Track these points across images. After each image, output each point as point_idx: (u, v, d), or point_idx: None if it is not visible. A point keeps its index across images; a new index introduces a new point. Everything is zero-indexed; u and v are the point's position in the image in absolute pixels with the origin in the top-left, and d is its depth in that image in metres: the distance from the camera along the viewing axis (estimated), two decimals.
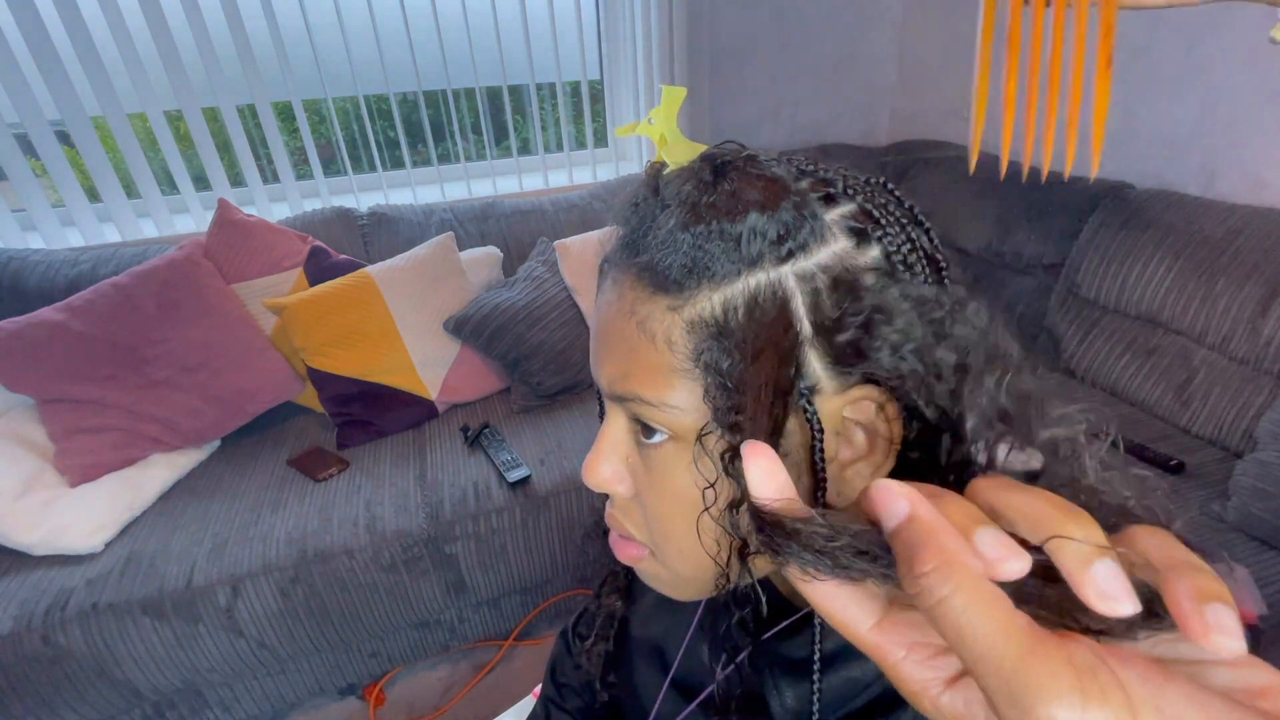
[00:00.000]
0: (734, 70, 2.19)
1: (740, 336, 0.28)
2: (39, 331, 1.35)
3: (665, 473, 0.32)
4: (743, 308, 0.28)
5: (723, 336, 0.28)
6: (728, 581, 0.33)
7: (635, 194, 0.32)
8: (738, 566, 0.31)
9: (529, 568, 1.41)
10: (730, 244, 0.28)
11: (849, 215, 0.30)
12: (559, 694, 0.65)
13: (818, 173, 0.32)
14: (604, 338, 0.33)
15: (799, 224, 0.28)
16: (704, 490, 0.30)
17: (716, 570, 0.33)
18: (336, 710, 1.42)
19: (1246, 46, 1.39)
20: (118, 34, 1.60)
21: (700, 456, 0.30)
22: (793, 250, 0.28)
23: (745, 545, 0.30)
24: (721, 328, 0.28)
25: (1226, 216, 1.38)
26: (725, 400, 0.28)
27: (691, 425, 0.30)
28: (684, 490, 0.32)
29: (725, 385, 0.28)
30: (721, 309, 0.29)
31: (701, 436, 0.30)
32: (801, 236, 0.28)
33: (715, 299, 0.29)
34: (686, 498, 0.32)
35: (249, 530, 1.27)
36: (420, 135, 2.08)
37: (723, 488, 0.30)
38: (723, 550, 0.32)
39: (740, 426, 0.28)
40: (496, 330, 1.59)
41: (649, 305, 0.30)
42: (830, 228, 0.29)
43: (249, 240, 1.59)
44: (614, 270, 0.33)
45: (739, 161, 0.30)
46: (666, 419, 0.31)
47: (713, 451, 0.30)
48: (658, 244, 0.30)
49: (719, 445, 0.29)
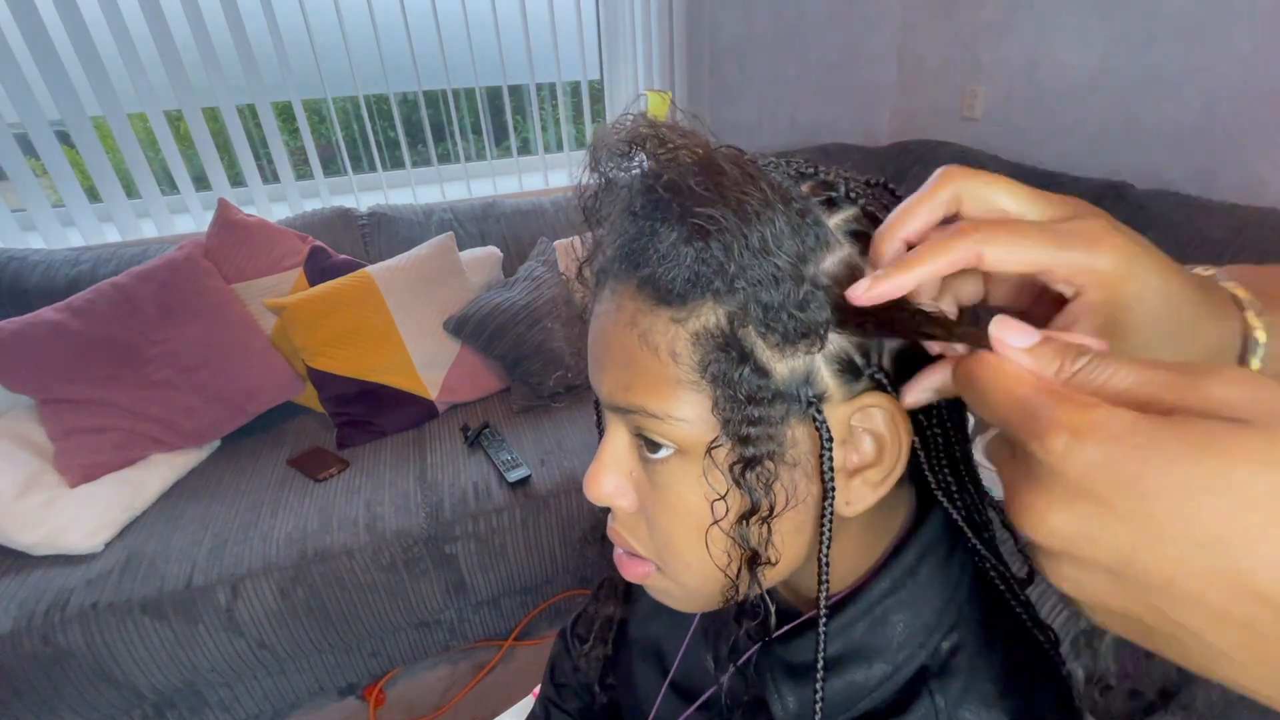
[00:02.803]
0: (734, 70, 2.19)
1: (746, 346, 0.28)
2: (39, 331, 1.35)
3: (671, 488, 0.32)
4: (748, 318, 0.28)
5: (729, 348, 0.28)
6: (736, 593, 0.33)
7: (633, 200, 0.31)
8: (747, 578, 0.31)
9: (529, 568, 1.41)
10: (733, 254, 0.27)
11: (852, 219, 0.30)
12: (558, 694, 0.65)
13: (818, 175, 0.31)
14: (604, 349, 0.32)
15: (802, 232, 0.28)
16: (714, 503, 0.30)
17: (725, 583, 0.32)
18: (336, 710, 1.42)
19: (1247, 46, 1.39)
20: (118, 34, 1.60)
21: (710, 469, 0.30)
22: (797, 259, 0.28)
23: (755, 556, 0.30)
24: (728, 339, 0.28)
25: (1226, 216, 1.37)
26: (735, 412, 0.28)
27: (698, 438, 0.30)
28: (692, 505, 0.31)
29: (735, 397, 0.28)
30: (727, 320, 0.28)
31: (711, 449, 0.30)
32: (805, 245, 0.28)
33: (720, 311, 0.28)
34: (694, 512, 0.31)
35: (249, 530, 1.27)
36: (420, 135, 2.08)
37: (734, 500, 0.30)
38: (733, 563, 0.31)
39: (751, 439, 0.28)
40: (496, 330, 1.59)
41: (650, 317, 0.30)
42: (834, 233, 0.29)
43: (249, 240, 1.59)
44: (612, 281, 0.32)
45: (738, 169, 0.29)
46: (672, 432, 0.30)
47: (723, 464, 0.30)
48: (659, 257, 0.29)
49: (729, 457, 0.29)
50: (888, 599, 0.34)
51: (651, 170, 0.30)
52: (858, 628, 0.34)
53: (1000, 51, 1.98)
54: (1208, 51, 1.47)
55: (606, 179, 0.32)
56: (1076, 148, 1.80)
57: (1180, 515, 0.16)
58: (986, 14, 2.00)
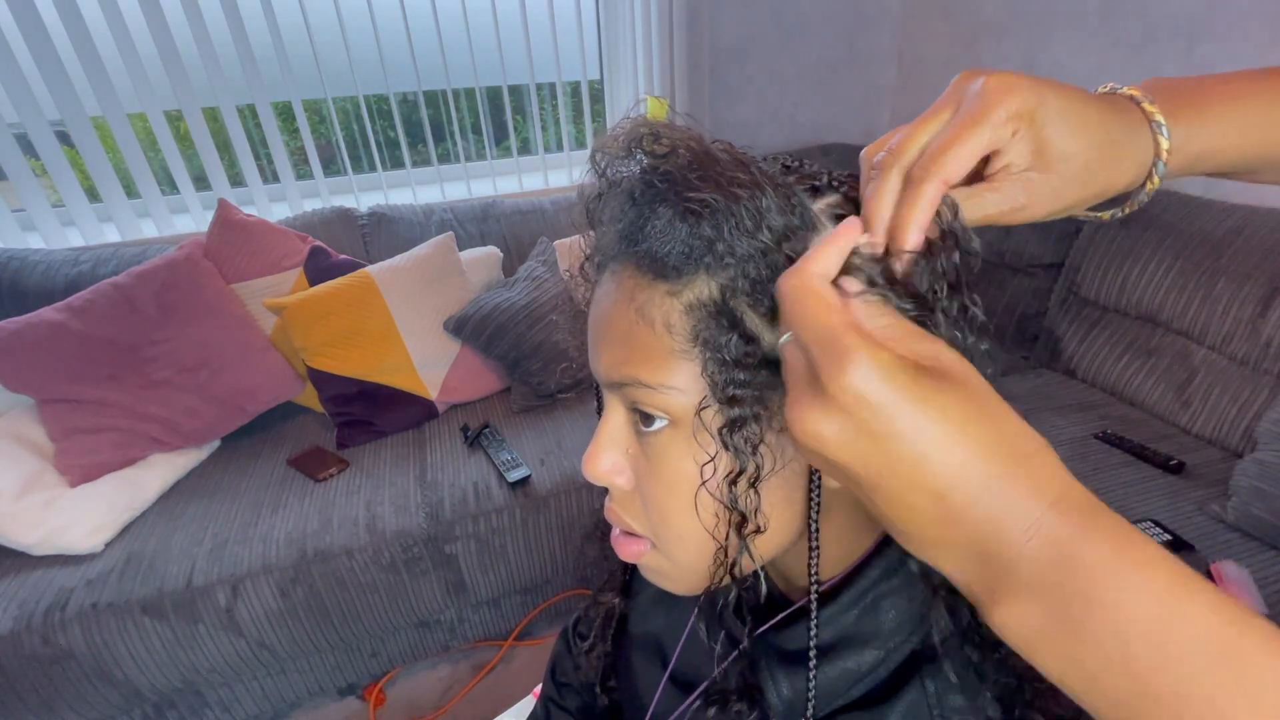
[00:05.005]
0: (734, 70, 2.19)
1: (737, 314, 0.30)
2: (39, 331, 1.35)
3: (664, 459, 0.33)
4: (738, 290, 0.30)
5: (720, 316, 0.30)
6: (727, 562, 0.34)
7: (633, 187, 0.33)
8: (736, 543, 0.32)
9: (529, 568, 1.41)
10: (724, 232, 0.29)
11: (834, 205, 0.32)
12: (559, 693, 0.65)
13: (803, 168, 0.33)
14: (602, 328, 0.34)
15: (788, 211, 0.30)
16: (703, 465, 0.32)
17: (717, 555, 0.34)
18: (336, 710, 1.42)
19: (1247, 46, 1.39)
20: (118, 34, 1.60)
21: (699, 430, 0.32)
22: (783, 236, 0.30)
23: (744, 520, 0.32)
24: (719, 308, 0.30)
25: (1226, 216, 1.37)
26: (722, 374, 0.30)
27: (690, 406, 0.32)
28: (683, 475, 0.33)
29: (723, 359, 0.30)
30: (719, 292, 0.30)
31: (700, 411, 0.31)
32: (791, 224, 0.30)
33: (712, 283, 0.30)
34: (686, 482, 0.33)
35: (249, 530, 1.27)
36: (420, 135, 2.08)
37: (721, 462, 0.31)
38: (721, 525, 0.33)
39: (738, 399, 0.30)
40: (496, 330, 1.59)
41: (648, 292, 0.32)
42: (818, 216, 0.31)
43: (249, 240, 1.59)
44: (613, 264, 0.34)
45: (730, 157, 0.31)
46: (665, 401, 0.32)
47: (711, 425, 0.31)
48: (656, 234, 0.31)
49: (716, 420, 0.31)
50: (879, 586, 0.35)
51: (649, 164, 0.32)
52: (850, 614, 0.36)
53: (1000, 51, 1.98)
54: (1208, 51, 1.47)
55: (609, 181, 0.35)
56: None
57: (906, 440, 0.23)
58: (986, 14, 2.00)
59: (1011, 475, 0.23)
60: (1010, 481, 0.22)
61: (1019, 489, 0.22)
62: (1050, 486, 0.22)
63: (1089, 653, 0.20)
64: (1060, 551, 0.21)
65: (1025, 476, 0.23)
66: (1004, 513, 0.22)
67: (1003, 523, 0.22)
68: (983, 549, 0.23)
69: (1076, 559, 0.21)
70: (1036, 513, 0.22)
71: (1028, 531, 0.22)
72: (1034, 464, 0.23)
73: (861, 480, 0.25)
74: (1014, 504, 0.22)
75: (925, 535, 0.25)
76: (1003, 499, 0.22)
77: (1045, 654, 0.21)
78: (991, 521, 0.22)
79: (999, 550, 0.22)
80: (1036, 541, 0.22)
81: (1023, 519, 0.22)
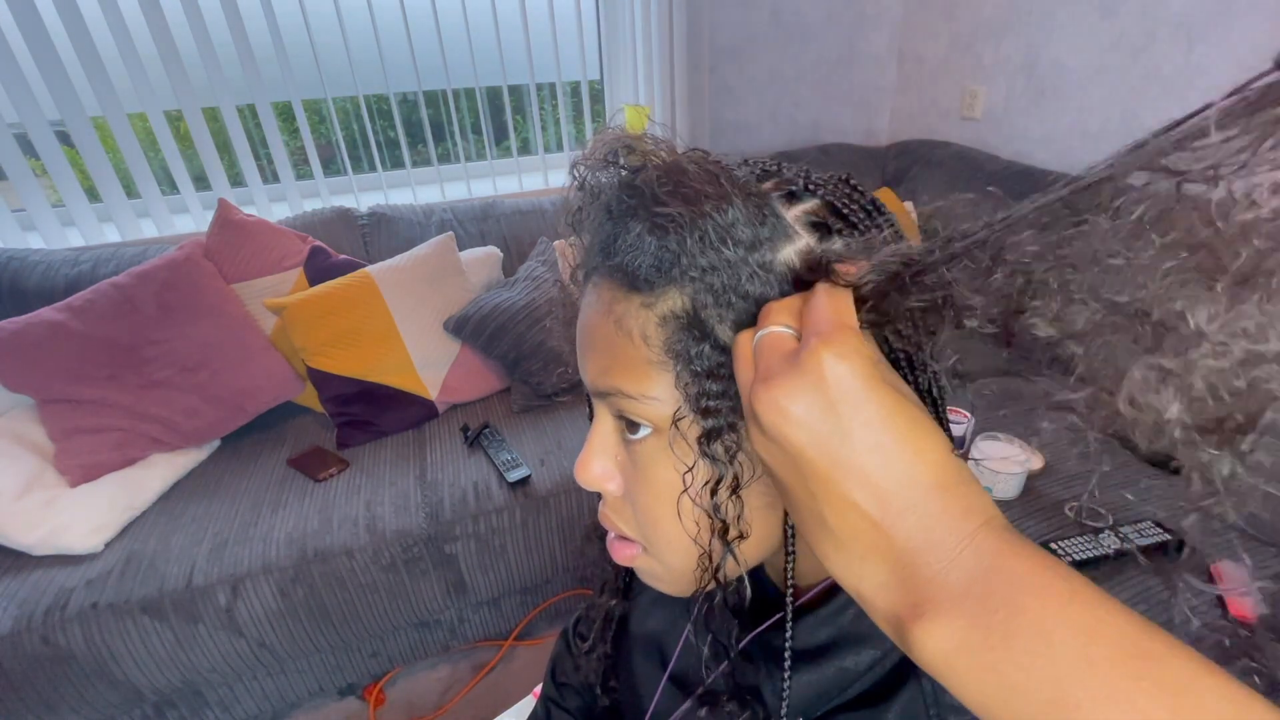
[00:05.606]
0: (734, 70, 2.19)
1: (708, 326, 0.30)
2: (39, 331, 1.35)
3: (650, 466, 0.34)
4: (709, 302, 0.30)
5: (692, 328, 0.30)
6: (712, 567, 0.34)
7: (609, 201, 0.34)
8: (720, 549, 0.33)
9: (529, 568, 1.41)
10: (694, 244, 0.30)
11: (811, 211, 0.32)
12: (559, 693, 0.66)
13: (781, 173, 0.33)
14: (587, 338, 0.35)
15: (757, 222, 0.30)
16: (684, 474, 0.32)
17: (702, 559, 0.34)
18: (336, 710, 1.42)
19: (1247, 46, 1.39)
20: (118, 34, 1.60)
21: (676, 440, 0.32)
22: (754, 246, 0.30)
23: (726, 527, 0.32)
24: (691, 320, 0.31)
25: None
26: (696, 385, 0.31)
27: (669, 416, 0.32)
28: (667, 482, 0.33)
29: (696, 371, 0.30)
30: (691, 303, 0.31)
31: (676, 421, 0.32)
32: (760, 235, 0.30)
33: (683, 296, 0.31)
34: (670, 489, 0.33)
35: (249, 530, 1.27)
36: (420, 135, 2.08)
37: (700, 470, 0.32)
38: (702, 531, 0.33)
39: (711, 410, 0.30)
40: (496, 330, 1.59)
41: (625, 304, 0.32)
42: (792, 225, 0.31)
43: (249, 240, 1.59)
44: (594, 275, 0.35)
45: (699, 168, 0.31)
46: (647, 411, 0.32)
47: (688, 434, 0.32)
48: (628, 247, 0.32)
49: (693, 429, 0.31)
50: None
51: (624, 178, 0.34)
52: (847, 614, 0.36)
53: (1000, 51, 1.98)
54: (1208, 51, 1.47)
55: (590, 191, 0.36)
56: (1076, 148, 1.80)
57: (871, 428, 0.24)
58: (986, 14, 2.00)
59: (953, 493, 0.24)
60: (952, 498, 0.24)
61: (957, 505, 0.23)
62: (983, 509, 0.24)
63: (1012, 662, 0.20)
64: (991, 563, 0.22)
65: (963, 496, 0.24)
66: (940, 523, 0.23)
67: (936, 533, 0.23)
68: (911, 560, 0.23)
69: (1006, 570, 0.22)
70: (969, 528, 0.23)
71: (960, 544, 0.23)
72: (972, 488, 0.24)
73: (809, 469, 0.25)
74: (951, 518, 0.23)
75: (857, 542, 0.25)
76: (942, 511, 0.23)
77: (965, 668, 0.21)
78: (926, 531, 0.23)
79: (929, 561, 0.23)
80: (969, 553, 0.23)
81: (957, 531, 0.23)
